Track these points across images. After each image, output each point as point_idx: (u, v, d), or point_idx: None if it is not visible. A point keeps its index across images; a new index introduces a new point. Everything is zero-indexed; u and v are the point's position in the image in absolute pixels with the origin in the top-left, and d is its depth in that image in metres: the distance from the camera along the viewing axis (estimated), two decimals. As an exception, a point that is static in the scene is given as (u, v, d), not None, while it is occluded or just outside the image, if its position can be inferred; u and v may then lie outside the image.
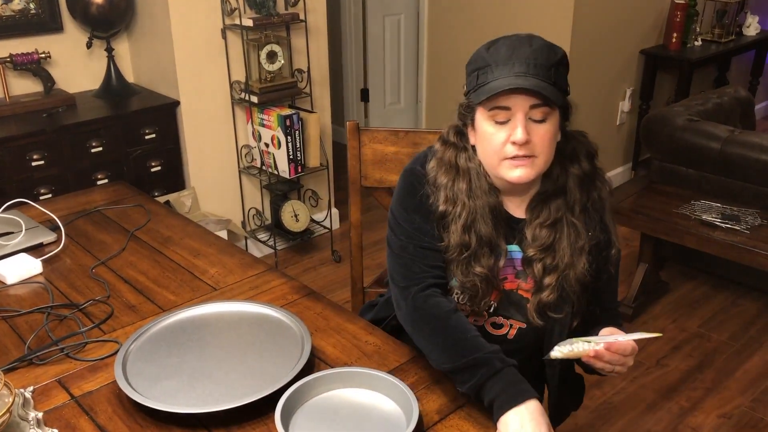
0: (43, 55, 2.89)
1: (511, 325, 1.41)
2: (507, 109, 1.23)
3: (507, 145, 1.25)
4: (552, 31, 3.60)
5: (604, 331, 1.30)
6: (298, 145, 3.12)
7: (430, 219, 1.35)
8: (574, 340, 1.21)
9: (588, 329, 1.37)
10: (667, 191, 2.97)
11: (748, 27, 4.71)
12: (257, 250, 3.46)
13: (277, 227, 3.38)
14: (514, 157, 1.25)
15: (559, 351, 1.20)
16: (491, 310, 1.40)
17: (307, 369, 1.29)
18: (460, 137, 1.37)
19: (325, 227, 3.58)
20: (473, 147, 1.34)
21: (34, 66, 2.89)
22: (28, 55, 2.86)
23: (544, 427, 1.13)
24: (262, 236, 3.46)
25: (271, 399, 1.19)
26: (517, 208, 1.37)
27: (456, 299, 1.37)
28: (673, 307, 3.08)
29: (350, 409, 1.22)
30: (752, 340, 2.84)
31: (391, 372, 1.28)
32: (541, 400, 1.18)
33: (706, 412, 2.45)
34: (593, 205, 1.35)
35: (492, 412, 1.17)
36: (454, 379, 1.25)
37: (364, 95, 4.89)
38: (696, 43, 4.33)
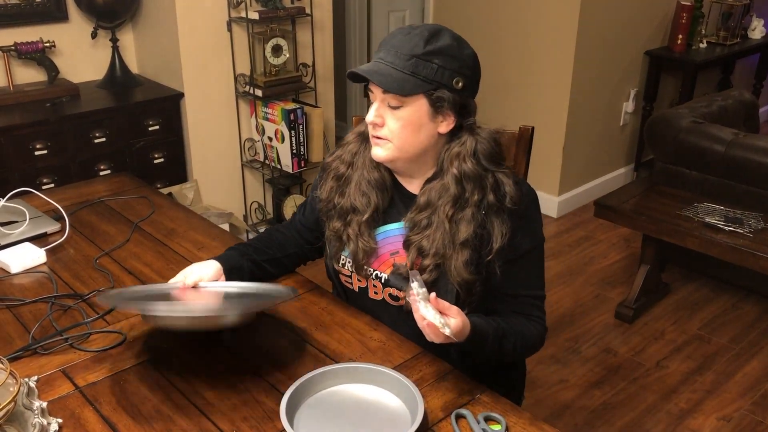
0: (47, 44, 2.89)
1: (405, 299, 1.41)
2: (372, 91, 1.32)
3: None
4: (557, 31, 3.60)
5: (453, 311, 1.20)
6: (301, 140, 3.12)
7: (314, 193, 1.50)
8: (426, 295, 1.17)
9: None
10: (670, 193, 2.97)
11: (753, 30, 4.70)
12: (258, 244, 3.45)
13: (278, 221, 3.38)
14: (373, 136, 1.34)
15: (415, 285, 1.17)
16: (383, 281, 1.43)
17: (312, 363, 1.29)
18: None
19: (326, 222, 3.57)
20: None
21: (39, 55, 2.88)
22: (32, 44, 2.85)
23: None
24: (264, 230, 3.46)
25: (276, 393, 1.19)
26: (414, 187, 1.41)
27: (343, 264, 1.46)
28: (674, 309, 3.08)
29: (355, 404, 1.21)
30: (752, 343, 2.84)
31: (395, 368, 1.28)
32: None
33: (706, 414, 2.45)
34: (477, 204, 1.32)
35: None
36: None
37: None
38: (701, 45, 4.32)
